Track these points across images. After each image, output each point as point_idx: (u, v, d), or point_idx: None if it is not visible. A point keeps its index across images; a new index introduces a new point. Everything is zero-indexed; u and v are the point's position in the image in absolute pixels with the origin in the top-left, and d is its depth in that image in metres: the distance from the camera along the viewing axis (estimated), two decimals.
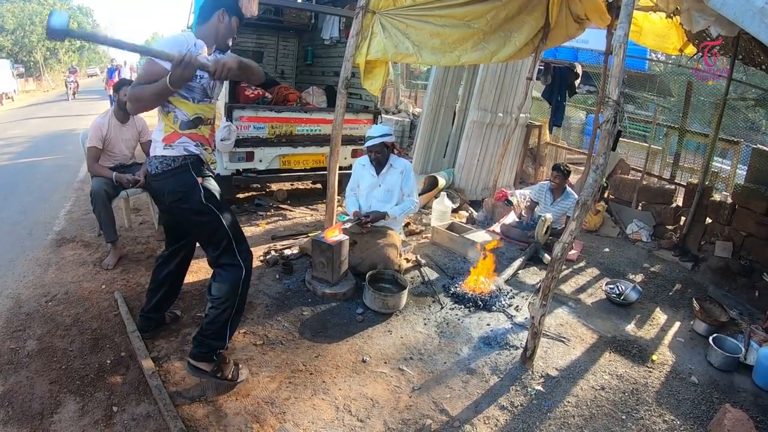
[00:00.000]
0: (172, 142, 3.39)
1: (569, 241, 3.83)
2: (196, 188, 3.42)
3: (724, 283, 6.67)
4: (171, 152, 3.39)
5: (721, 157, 10.80)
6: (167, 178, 3.40)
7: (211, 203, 3.47)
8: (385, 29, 5.23)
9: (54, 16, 2.66)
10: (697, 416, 3.93)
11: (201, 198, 3.42)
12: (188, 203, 3.43)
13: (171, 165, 3.38)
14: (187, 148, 3.42)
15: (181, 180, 3.40)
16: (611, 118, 3.54)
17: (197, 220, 3.50)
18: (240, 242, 3.58)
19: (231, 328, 3.59)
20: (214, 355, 3.54)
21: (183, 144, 3.41)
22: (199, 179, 3.46)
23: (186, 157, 3.41)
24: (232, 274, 3.50)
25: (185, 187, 3.41)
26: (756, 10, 3.12)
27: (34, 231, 6.43)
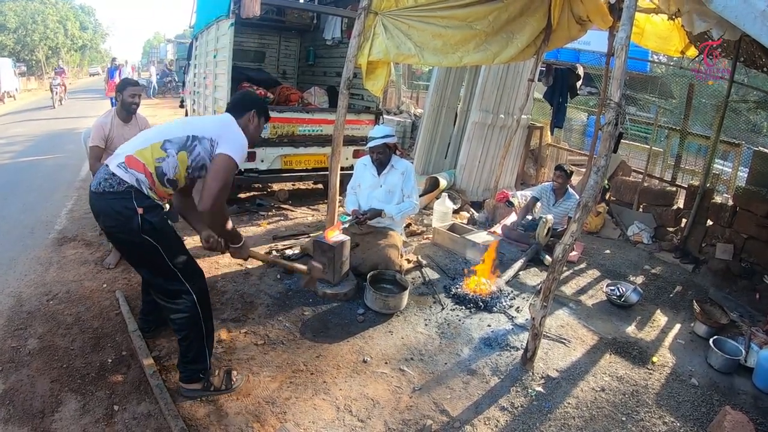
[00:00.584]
0: (132, 168, 3.20)
1: (570, 243, 3.84)
2: (134, 219, 3.16)
3: (724, 286, 6.67)
4: (123, 174, 3.18)
5: (723, 159, 10.80)
6: (106, 199, 3.19)
7: (149, 236, 3.22)
8: (387, 30, 5.23)
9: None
10: (697, 418, 3.93)
11: (138, 230, 3.18)
12: (123, 233, 3.25)
13: (114, 187, 3.16)
14: (140, 184, 3.20)
15: (119, 205, 3.17)
16: (612, 120, 3.54)
17: (134, 251, 3.39)
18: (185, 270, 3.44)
19: (208, 348, 3.58)
20: (200, 374, 3.55)
21: (140, 179, 3.21)
22: (140, 209, 3.17)
23: (132, 187, 3.18)
24: (184, 302, 3.41)
25: (122, 215, 3.17)
26: (757, 12, 3.13)
27: (35, 230, 6.44)
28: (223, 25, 7.03)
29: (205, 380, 3.55)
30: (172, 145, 3.27)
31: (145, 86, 29.89)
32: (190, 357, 3.49)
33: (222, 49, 7.18)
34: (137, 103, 5.63)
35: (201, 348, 3.51)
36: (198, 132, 3.33)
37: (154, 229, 3.24)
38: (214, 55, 7.58)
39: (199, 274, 3.57)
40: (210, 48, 8.02)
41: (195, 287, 3.44)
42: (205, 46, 8.65)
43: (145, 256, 3.32)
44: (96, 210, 3.29)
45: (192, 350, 3.48)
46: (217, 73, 7.50)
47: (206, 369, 3.56)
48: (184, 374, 3.53)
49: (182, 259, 3.43)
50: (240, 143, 3.39)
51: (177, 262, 3.37)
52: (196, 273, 3.53)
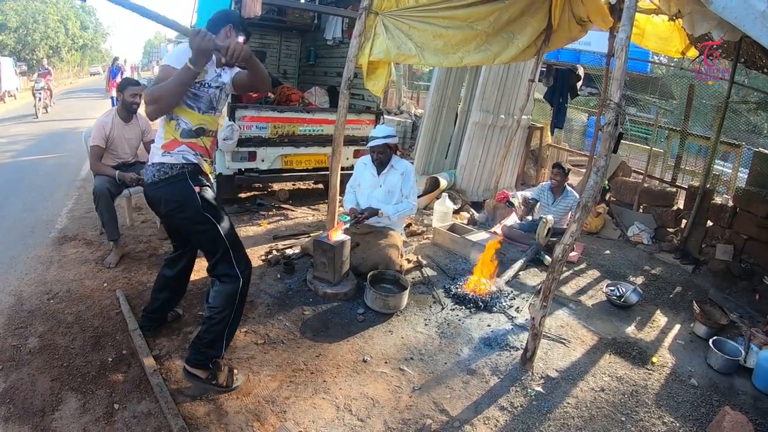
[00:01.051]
0: (172, 149, 3.39)
1: (570, 243, 3.85)
2: (194, 197, 3.40)
3: (724, 286, 6.68)
4: (169, 159, 3.38)
5: (723, 160, 10.82)
6: (164, 186, 3.40)
7: (209, 213, 3.45)
8: (388, 30, 5.24)
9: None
10: (697, 418, 3.94)
11: (199, 208, 3.41)
12: (185, 212, 3.43)
13: (168, 173, 3.37)
14: (185, 157, 3.41)
15: (178, 188, 3.39)
16: (613, 120, 3.55)
17: (195, 229, 3.51)
18: (237, 252, 3.56)
19: (228, 337, 3.61)
20: (209, 362, 3.55)
21: (182, 152, 3.40)
22: (197, 188, 3.43)
23: (184, 166, 3.41)
24: (229, 285, 3.50)
25: (182, 196, 3.39)
26: (757, 14, 3.14)
27: (36, 229, 6.44)
28: None
29: (211, 372, 3.56)
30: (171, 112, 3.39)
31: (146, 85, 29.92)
32: (208, 340, 3.52)
33: None
34: (138, 102, 5.63)
35: (221, 335, 3.55)
36: None
37: (212, 207, 3.49)
38: None
39: (248, 261, 3.68)
40: None
41: (244, 274, 3.55)
42: None
43: (205, 234, 3.48)
44: (156, 199, 3.48)
45: (212, 333, 3.51)
46: None
47: (218, 357, 3.57)
48: (194, 356, 3.54)
49: (236, 241, 3.61)
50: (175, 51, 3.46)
51: (233, 243, 3.55)
52: (246, 259, 3.65)
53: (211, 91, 3.42)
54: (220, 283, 3.52)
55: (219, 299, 3.49)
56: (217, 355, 3.56)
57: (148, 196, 3.59)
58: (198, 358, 3.53)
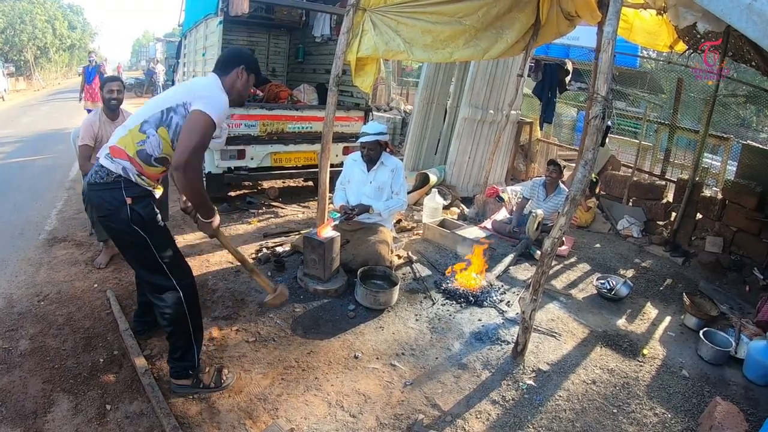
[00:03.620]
0: (116, 157, 3.21)
1: (559, 236, 3.86)
2: (123, 209, 3.19)
3: (714, 278, 6.72)
4: (109, 165, 3.21)
5: (712, 153, 10.85)
6: (97, 190, 3.24)
7: (138, 227, 3.24)
8: (376, 26, 5.24)
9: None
10: (688, 409, 3.97)
11: (128, 219, 3.21)
12: (113, 222, 3.26)
13: (104, 178, 3.20)
14: (126, 172, 3.21)
15: (108, 196, 3.20)
16: (599, 113, 3.56)
17: (123, 240, 3.38)
18: (172, 264, 3.43)
19: (196, 346, 3.57)
20: (189, 371, 3.55)
21: (125, 166, 3.21)
22: (129, 199, 3.19)
23: (120, 176, 3.20)
24: (170, 298, 3.41)
25: (112, 205, 3.20)
26: (744, 6, 3.14)
27: (25, 231, 6.41)
28: (211, 23, 7.02)
29: (194, 377, 3.55)
30: (149, 124, 3.20)
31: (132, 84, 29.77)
32: (178, 354, 3.50)
33: (211, 47, 7.17)
34: (117, 98, 5.53)
35: (189, 345, 3.51)
36: (171, 102, 3.21)
37: (143, 221, 3.25)
38: (203, 54, 7.56)
39: (187, 271, 3.56)
40: (199, 46, 8.00)
41: (182, 284, 3.43)
42: (194, 44, 8.62)
43: (135, 248, 3.34)
44: (89, 201, 3.45)
45: (179, 347, 3.49)
46: (206, 72, 7.46)
47: (194, 366, 3.56)
48: (174, 371, 3.54)
49: (170, 254, 3.42)
50: (217, 99, 3.19)
51: (165, 256, 3.36)
52: (183, 270, 3.52)
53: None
54: (161, 298, 3.42)
55: (168, 318, 3.43)
56: (192, 365, 3.55)
57: (85, 195, 3.57)
58: (177, 371, 3.55)
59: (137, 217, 3.22)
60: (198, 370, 3.57)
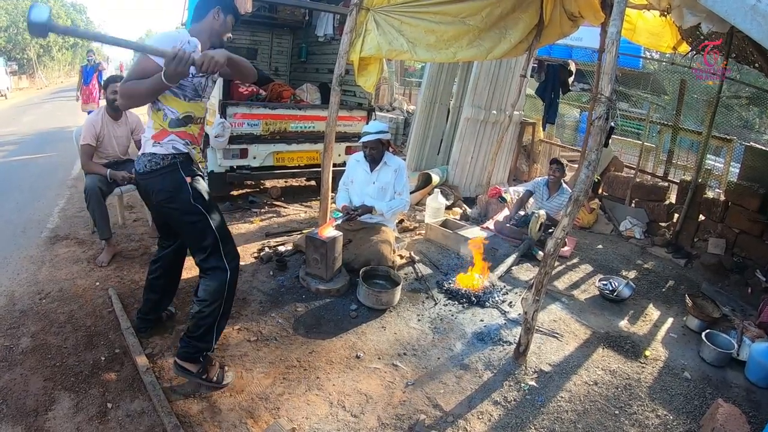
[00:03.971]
0: (161, 139, 3.38)
1: (561, 237, 3.85)
2: (185, 188, 3.40)
3: (716, 280, 6.71)
4: (160, 150, 3.38)
5: (715, 154, 10.84)
6: (155, 176, 3.40)
7: (199, 204, 3.44)
8: (379, 26, 5.23)
9: (34, 11, 2.54)
10: (690, 411, 3.96)
11: (189, 198, 3.41)
12: (176, 203, 3.42)
13: (159, 163, 3.37)
14: (175, 146, 3.41)
15: (169, 179, 3.39)
16: (603, 114, 3.55)
17: (185, 220, 3.49)
18: (227, 244, 3.56)
19: (217, 330, 3.61)
20: (200, 356, 3.56)
21: (172, 142, 3.39)
22: (188, 178, 3.43)
23: (175, 156, 3.41)
24: (218, 277, 3.49)
25: (173, 187, 3.40)
26: (748, 7, 3.13)
27: (27, 229, 6.42)
28: None
29: (202, 366, 3.56)
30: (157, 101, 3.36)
31: None
32: (199, 333, 3.51)
33: None
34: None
35: (211, 328, 3.54)
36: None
37: (203, 197, 3.48)
38: None
39: (236, 254, 3.68)
40: None
41: (231, 265, 3.54)
42: None
43: (196, 227, 3.47)
44: (147, 189, 3.48)
45: (203, 326, 3.51)
46: None
47: (208, 351, 3.58)
48: (185, 350, 3.54)
49: (225, 233, 3.60)
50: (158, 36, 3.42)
51: (221, 234, 3.54)
52: (233, 252, 3.64)
53: (196, 80, 3.40)
54: (209, 276, 3.51)
55: (208, 292, 3.48)
56: (207, 348, 3.56)
57: (139, 186, 3.60)
58: (188, 351, 3.54)
59: (197, 194, 3.45)
60: (207, 361, 3.58)
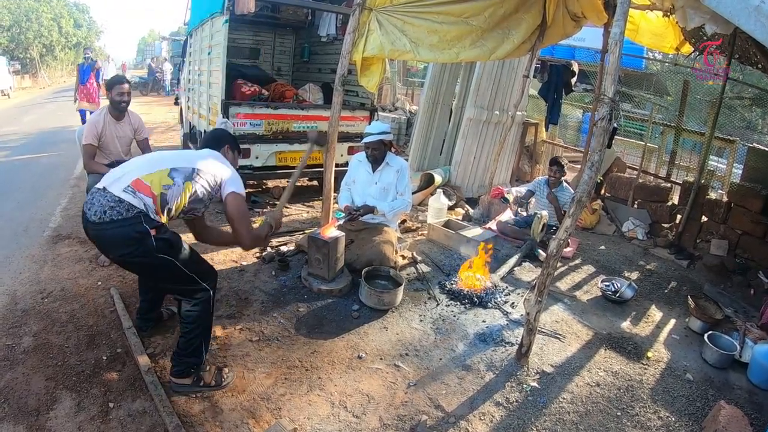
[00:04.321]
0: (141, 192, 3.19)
1: (564, 238, 3.85)
2: (149, 242, 3.15)
3: (719, 281, 6.70)
4: (131, 199, 3.15)
5: (717, 155, 10.84)
6: (114, 228, 3.12)
7: (164, 253, 3.24)
8: (382, 26, 5.22)
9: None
10: (692, 413, 3.95)
11: (153, 251, 3.18)
12: (139, 257, 3.20)
13: (123, 215, 3.10)
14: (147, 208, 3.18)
15: (131, 232, 3.12)
16: (606, 115, 3.55)
17: (151, 271, 3.46)
18: (201, 272, 3.52)
19: (205, 343, 3.61)
20: (192, 369, 3.56)
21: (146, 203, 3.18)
22: (153, 231, 3.17)
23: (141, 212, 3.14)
24: (201, 301, 3.48)
25: (136, 241, 3.13)
26: (752, 8, 3.12)
27: (30, 228, 6.43)
28: (217, 21, 7.01)
29: (195, 375, 3.56)
30: (179, 174, 3.32)
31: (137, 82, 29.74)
32: (189, 350, 3.51)
33: (216, 46, 7.16)
34: (126, 101, 5.62)
35: (201, 343, 3.54)
36: (202, 166, 3.46)
37: (169, 246, 3.29)
38: (209, 53, 7.55)
39: (212, 271, 3.68)
40: (204, 45, 7.99)
41: (211, 284, 3.55)
42: (199, 43, 8.62)
43: (163, 273, 3.37)
44: (104, 241, 3.23)
45: (193, 344, 3.51)
46: (211, 71, 7.47)
47: (200, 364, 3.57)
48: (177, 368, 3.54)
49: (196, 263, 3.55)
50: (239, 178, 3.67)
51: (192, 267, 3.45)
52: (209, 272, 3.64)
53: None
54: (193, 300, 3.48)
55: (194, 313, 3.48)
56: (199, 362, 3.57)
57: (90, 235, 3.29)
58: (181, 368, 3.55)
59: (162, 244, 3.23)
60: (200, 369, 3.58)
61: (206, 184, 3.42)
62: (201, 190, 3.41)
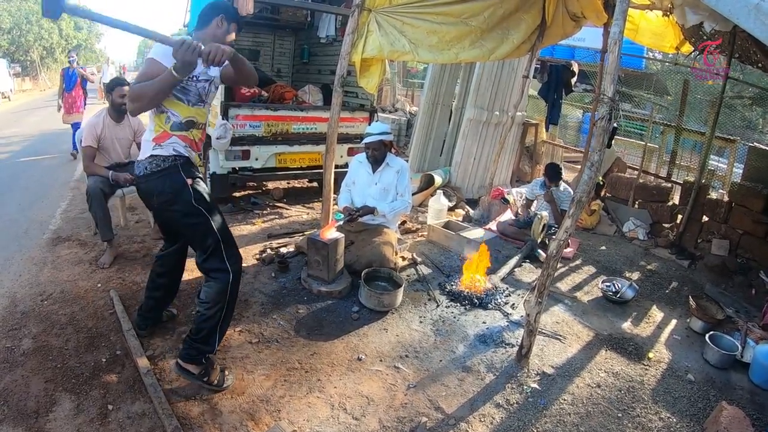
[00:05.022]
0: (162, 141, 3.40)
1: (564, 239, 3.84)
2: (186, 190, 3.42)
3: (720, 281, 6.69)
4: (160, 152, 3.39)
5: (718, 155, 10.85)
6: (156, 179, 3.40)
7: (201, 205, 3.46)
8: (381, 27, 5.22)
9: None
10: (694, 414, 3.94)
11: (191, 200, 3.42)
12: (177, 205, 3.44)
13: (160, 165, 3.39)
14: (176, 149, 3.42)
15: (170, 181, 3.40)
16: (606, 115, 3.54)
17: (186, 222, 3.51)
18: (229, 246, 3.57)
19: (220, 332, 3.61)
20: (203, 358, 3.55)
21: (173, 144, 3.42)
22: (189, 180, 3.44)
23: (176, 158, 3.42)
24: (220, 279, 3.50)
25: (174, 189, 3.41)
26: (751, 6, 3.11)
27: (30, 230, 6.42)
28: None
29: (204, 368, 3.55)
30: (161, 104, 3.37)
31: None
32: (201, 335, 3.52)
33: None
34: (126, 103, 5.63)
35: (214, 330, 3.55)
36: None
37: (204, 199, 3.50)
38: None
39: (239, 256, 3.68)
40: None
41: (234, 268, 3.55)
42: None
43: (197, 229, 3.49)
44: (148, 191, 3.50)
45: (205, 328, 3.52)
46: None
47: (211, 353, 3.57)
48: (187, 351, 3.54)
49: (227, 235, 3.62)
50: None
51: (224, 236, 3.56)
52: (236, 255, 3.65)
53: (200, 85, 3.45)
54: (211, 278, 3.52)
55: (210, 294, 3.49)
56: (210, 350, 3.56)
57: (140, 188, 3.61)
58: (191, 353, 3.53)
59: (199, 196, 3.47)
60: (209, 363, 3.57)
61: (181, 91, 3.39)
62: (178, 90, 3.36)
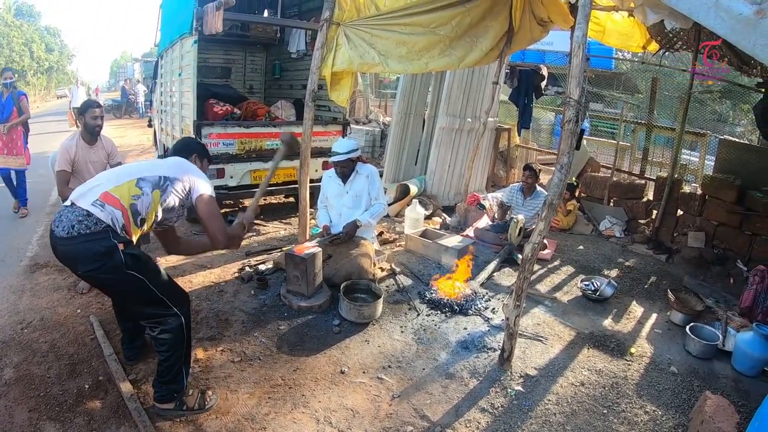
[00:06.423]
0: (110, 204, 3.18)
1: (538, 242, 3.87)
2: (117, 256, 3.09)
3: (698, 273, 6.77)
4: (99, 213, 3.12)
5: (690, 149, 10.96)
6: (82, 242, 3.07)
7: (134, 270, 3.17)
8: (350, 40, 5.25)
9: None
10: (679, 405, 3.99)
11: (122, 267, 3.12)
12: (107, 273, 3.14)
13: (91, 228, 3.08)
14: (114, 222, 3.16)
15: (98, 246, 3.08)
16: (573, 117, 3.58)
17: (120, 288, 3.35)
18: (171, 295, 3.45)
19: (185, 368, 3.57)
20: (174, 394, 3.53)
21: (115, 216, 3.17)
22: (120, 245, 3.12)
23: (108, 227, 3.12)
24: (173, 326, 3.40)
25: (104, 255, 3.08)
26: (711, 3, 3.16)
27: (6, 257, 6.36)
28: (186, 42, 7.00)
29: (178, 400, 3.53)
30: (146, 183, 3.30)
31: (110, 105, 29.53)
32: (168, 377, 3.47)
33: (187, 66, 7.15)
34: (100, 125, 5.60)
35: (180, 369, 3.50)
36: (167, 173, 3.45)
37: (138, 262, 3.21)
38: (179, 74, 7.52)
39: (185, 296, 3.63)
40: (175, 66, 7.97)
41: (182, 310, 3.46)
42: (170, 64, 8.59)
43: (132, 291, 3.29)
44: (71, 256, 3.15)
45: (171, 371, 3.47)
46: (183, 91, 7.45)
47: (181, 389, 3.53)
48: (159, 393, 3.51)
49: (168, 285, 3.48)
50: (207, 181, 3.71)
51: (163, 289, 3.38)
52: (181, 296, 3.57)
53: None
54: (162, 326, 3.40)
55: (167, 341, 3.41)
56: (180, 388, 3.53)
57: (58, 251, 3.21)
58: (164, 395, 3.51)
59: (131, 261, 3.16)
60: (182, 394, 3.54)
61: (175, 191, 3.43)
62: (171, 198, 3.43)
